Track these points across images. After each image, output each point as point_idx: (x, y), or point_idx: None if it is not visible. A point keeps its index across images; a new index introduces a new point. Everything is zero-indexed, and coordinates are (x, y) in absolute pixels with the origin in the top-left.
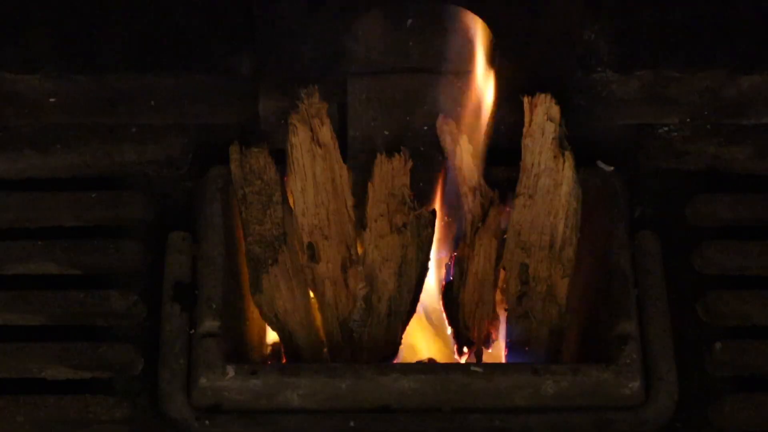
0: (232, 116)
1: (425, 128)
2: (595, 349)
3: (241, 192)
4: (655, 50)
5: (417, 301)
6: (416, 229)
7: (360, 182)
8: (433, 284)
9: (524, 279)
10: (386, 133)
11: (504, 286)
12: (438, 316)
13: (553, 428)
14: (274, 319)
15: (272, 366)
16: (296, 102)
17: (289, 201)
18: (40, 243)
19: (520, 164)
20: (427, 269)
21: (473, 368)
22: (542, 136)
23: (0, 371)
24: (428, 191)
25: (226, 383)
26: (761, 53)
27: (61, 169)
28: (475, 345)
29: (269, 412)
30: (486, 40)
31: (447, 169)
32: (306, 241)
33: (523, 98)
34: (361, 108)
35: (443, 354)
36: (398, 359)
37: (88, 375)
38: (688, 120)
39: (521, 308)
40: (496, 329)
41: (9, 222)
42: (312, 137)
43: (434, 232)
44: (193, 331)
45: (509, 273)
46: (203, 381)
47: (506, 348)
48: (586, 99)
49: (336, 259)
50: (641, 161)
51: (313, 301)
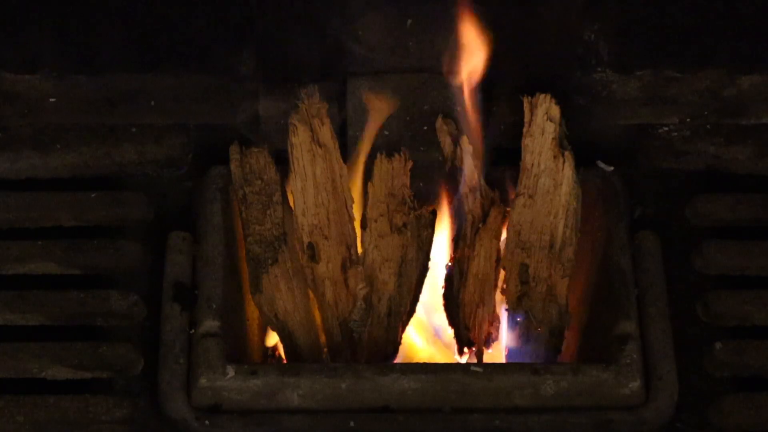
0: (232, 116)
1: (425, 128)
2: (595, 349)
3: (241, 192)
4: (655, 50)
5: (417, 301)
6: (416, 229)
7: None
8: (434, 284)
9: (524, 279)
10: (386, 133)
11: (504, 286)
12: (438, 317)
13: (553, 428)
14: (274, 319)
15: (272, 366)
16: (296, 102)
17: (289, 201)
18: (40, 243)
19: (520, 164)
20: (427, 269)
21: (473, 368)
22: (542, 136)
23: (0, 371)
24: (428, 191)
25: (226, 383)
26: (761, 53)
27: (61, 169)
28: (475, 345)
29: (269, 412)
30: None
31: (447, 169)
32: (306, 241)
33: (523, 98)
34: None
35: (443, 354)
36: (398, 359)
37: (88, 375)
38: (688, 120)
39: (521, 308)
40: (497, 329)
41: (9, 222)
42: (312, 137)
43: (434, 232)
44: (193, 331)
45: (509, 273)
46: (203, 381)
47: (506, 348)
48: (586, 99)
49: (336, 259)
50: (641, 161)
51: (313, 301)
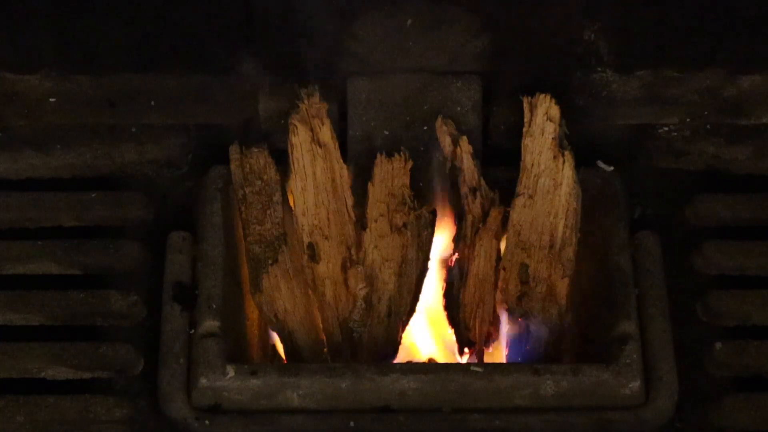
0: (232, 116)
1: (425, 128)
2: (595, 349)
3: (241, 192)
4: (655, 50)
5: (417, 301)
6: (416, 229)
7: (360, 182)
8: (434, 284)
9: (524, 279)
10: (386, 133)
11: (504, 286)
12: (439, 317)
13: (553, 428)
14: (274, 319)
15: (272, 366)
16: (296, 102)
17: (289, 201)
18: (40, 243)
19: (520, 164)
20: (427, 269)
21: (473, 368)
22: (542, 136)
23: (0, 371)
24: (428, 191)
25: (226, 383)
26: (761, 53)
27: (61, 169)
28: (475, 345)
29: (269, 412)
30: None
31: (447, 169)
32: (306, 241)
33: (523, 98)
34: (361, 108)
35: (443, 354)
36: (398, 359)
37: (88, 375)
38: (688, 120)
39: (521, 308)
40: (497, 329)
41: (9, 222)
42: (312, 137)
43: (434, 232)
44: (193, 331)
45: (509, 273)
46: (203, 381)
47: (506, 348)
48: (586, 99)
49: (336, 259)
50: (641, 161)
51: (313, 301)
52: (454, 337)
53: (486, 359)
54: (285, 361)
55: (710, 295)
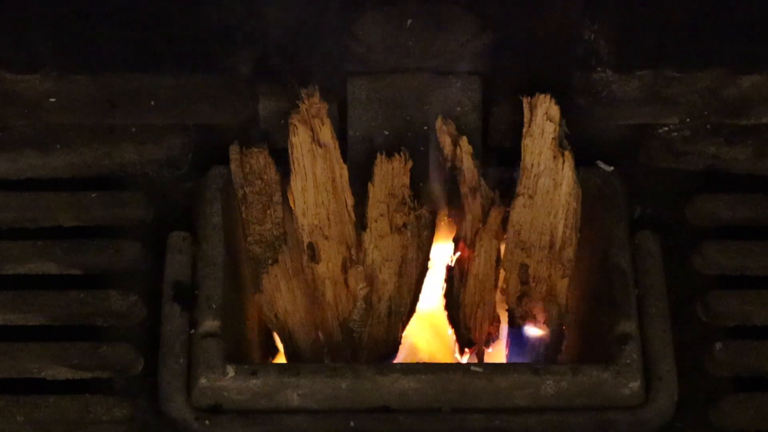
0: (232, 116)
1: (425, 128)
2: (595, 349)
3: (241, 192)
4: (655, 50)
5: (417, 301)
6: (416, 229)
7: (360, 182)
8: (434, 284)
9: (524, 279)
10: (386, 133)
11: (504, 286)
12: (439, 317)
13: (553, 428)
14: (274, 319)
15: (272, 366)
16: (296, 102)
17: (289, 201)
18: (40, 243)
19: (520, 164)
20: (427, 269)
21: (473, 368)
22: (542, 136)
23: (0, 371)
24: (428, 191)
25: (226, 383)
26: (761, 53)
27: (61, 169)
28: (476, 345)
29: (269, 412)
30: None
31: (447, 169)
32: (306, 241)
33: (522, 98)
34: (361, 108)
35: (444, 354)
36: (398, 359)
37: (88, 375)
38: (688, 120)
39: (521, 308)
40: (497, 329)
41: (9, 222)
42: (312, 137)
43: (434, 232)
44: (193, 331)
45: (509, 273)
46: (203, 381)
47: (506, 348)
48: (586, 99)
49: (336, 259)
50: (641, 161)
51: (313, 301)
52: (454, 337)
53: (486, 359)
54: (285, 361)
55: (710, 295)
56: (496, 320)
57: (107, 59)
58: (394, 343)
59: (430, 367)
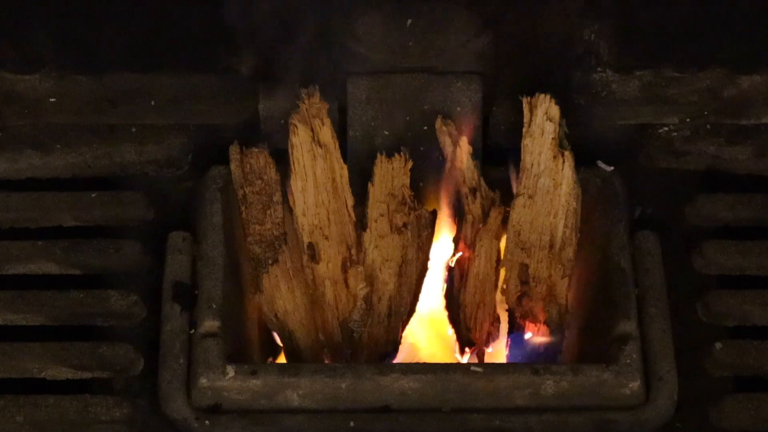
0: (232, 116)
1: (425, 128)
2: (595, 349)
3: (241, 192)
4: (655, 50)
5: (417, 301)
6: (416, 229)
7: (360, 182)
8: (434, 284)
9: (524, 279)
10: (386, 133)
11: (504, 286)
12: (439, 317)
13: (553, 428)
14: (274, 319)
15: (272, 366)
16: (296, 102)
17: (289, 201)
18: (40, 243)
19: (520, 164)
20: (427, 269)
21: (473, 368)
22: (542, 136)
23: (0, 371)
24: (428, 191)
25: (226, 383)
26: (761, 53)
27: (61, 169)
28: (476, 345)
29: (269, 412)
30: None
31: (447, 169)
32: (306, 241)
33: (522, 98)
34: (361, 108)
35: (444, 354)
36: (398, 359)
37: (88, 375)
38: (688, 120)
39: (521, 308)
40: (497, 329)
41: (9, 222)
42: (312, 137)
43: (434, 232)
44: (193, 331)
45: (509, 273)
46: (203, 381)
47: (507, 348)
48: (586, 99)
49: (336, 259)
50: (641, 161)
51: (313, 301)
52: (454, 337)
53: (486, 359)
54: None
55: (710, 295)
56: (497, 320)
57: (107, 59)
58: (394, 343)
59: (430, 367)
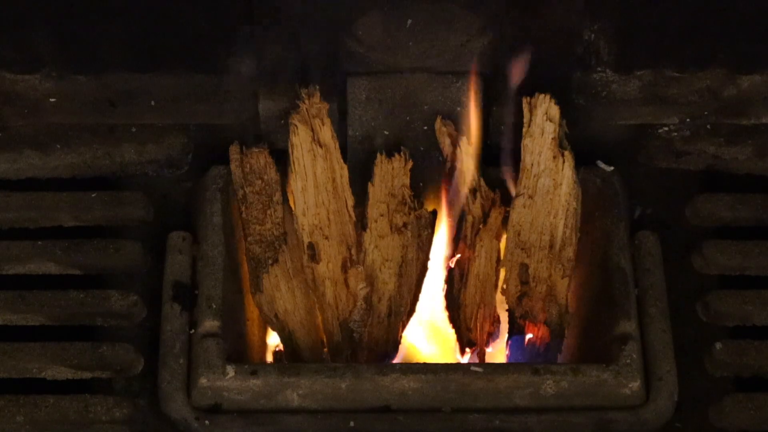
0: (232, 116)
1: (425, 128)
2: (595, 349)
3: (242, 192)
4: (655, 50)
5: (417, 301)
6: (416, 229)
7: (360, 182)
8: (434, 284)
9: (524, 279)
10: (386, 133)
11: (504, 286)
12: (439, 317)
13: (553, 428)
14: (274, 319)
15: (272, 366)
16: (297, 102)
17: (289, 201)
18: (40, 243)
19: (520, 164)
20: (427, 269)
21: (473, 368)
22: (542, 136)
23: (0, 371)
24: (428, 191)
25: (226, 383)
26: (761, 53)
27: (61, 169)
28: (476, 345)
29: (269, 412)
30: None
31: (447, 169)
32: (306, 241)
33: (522, 98)
34: (361, 108)
35: (444, 354)
36: (398, 359)
37: (88, 375)
38: (688, 120)
39: (521, 308)
40: (497, 329)
41: (9, 222)
42: (312, 137)
43: (434, 232)
44: (193, 331)
45: (509, 273)
46: (203, 381)
47: (507, 348)
48: (586, 99)
49: (336, 259)
50: (641, 161)
51: (313, 301)
52: (454, 338)
53: (486, 359)
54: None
55: (710, 295)
56: (497, 320)
57: (107, 59)
58: (394, 343)
59: (430, 367)
